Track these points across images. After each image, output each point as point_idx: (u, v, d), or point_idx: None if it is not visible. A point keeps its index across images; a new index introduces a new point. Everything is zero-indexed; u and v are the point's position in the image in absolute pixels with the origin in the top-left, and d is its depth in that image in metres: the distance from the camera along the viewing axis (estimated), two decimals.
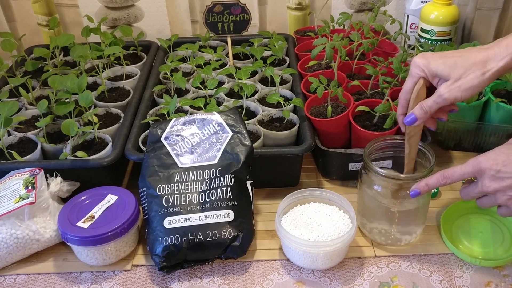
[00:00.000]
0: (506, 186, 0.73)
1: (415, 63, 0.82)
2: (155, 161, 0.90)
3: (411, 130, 0.85)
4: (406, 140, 0.86)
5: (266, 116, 1.10)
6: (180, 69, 1.29)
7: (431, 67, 0.80)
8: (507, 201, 0.75)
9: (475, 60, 0.77)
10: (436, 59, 0.80)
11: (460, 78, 0.77)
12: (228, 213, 0.86)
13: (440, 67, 0.79)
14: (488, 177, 0.75)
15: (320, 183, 1.07)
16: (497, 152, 0.75)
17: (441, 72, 0.79)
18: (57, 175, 0.93)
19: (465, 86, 0.77)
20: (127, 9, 1.49)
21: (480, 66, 0.76)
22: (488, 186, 0.75)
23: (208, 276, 0.87)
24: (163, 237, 0.84)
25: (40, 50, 1.24)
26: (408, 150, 0.86)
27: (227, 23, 1.24)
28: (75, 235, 0.84)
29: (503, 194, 0.75)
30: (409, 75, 0.83)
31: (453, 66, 0.77)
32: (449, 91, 0.78)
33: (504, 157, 0.74)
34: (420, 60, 0.81)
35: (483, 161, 0.75)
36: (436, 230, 0.94)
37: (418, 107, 0.81)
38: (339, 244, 0.83)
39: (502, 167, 0.73)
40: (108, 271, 0.88)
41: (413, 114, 0.82)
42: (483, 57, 0.76)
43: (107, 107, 1.14)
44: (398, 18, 1.37)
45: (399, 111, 0.87)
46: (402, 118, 0.86)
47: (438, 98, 0.79)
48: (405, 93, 0.84)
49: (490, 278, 0.84)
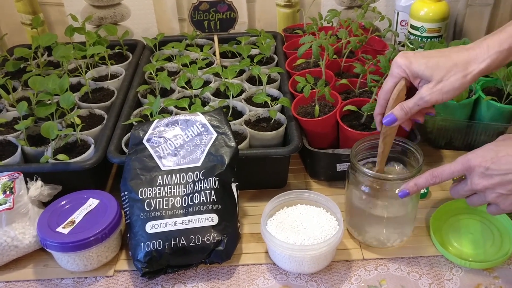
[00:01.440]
0: (495, 184, 0.72)
1: (396, 62, 0.80)
2: (137, 164, 0.88)
3: (387, 130, 0.83)
4: (381, 139, 0.85)
5: (253, 116, 1.08)
6: (166, 68, 1.26)
7: (413, 67, 0.78)
8: (496, 199, 0.74)
9: (457, 61, 0.75)
10: (418, 59, 0.78)
11: (441, 80, 0.76)
12: (212, 217, 0.84)
13: (422, 68, 0.77)
14: (477, 175, 0.73)
15: (308, 183, 1.05)
16: (486, 149, 0.74)
17: (423, 73, 0.77)
18: (38, 179, 0.91)
19: (446, 89, 0.76)
20: (113, 8, 1.46)
21: (462, 68, 0.75)
22: (478, 184, 0.74)
23: (192, 281, 0.85)
24: (145, 242, 0.82)
25: (21, 50, 1.21)
26: (382, 149, 0.85)
27: (214, 21, 1.21)
28: (54, 241, 0.82)
29: (492, 192, 0.73)
30: (389, 74, 0.82)
31: (435, 67, 0.76)
32: (430, 94, 0.76)
33: (493, 154, 0.72)
34: (402, 60, 0.79)
35: (472, 159, 0.74)
36: (425, 232, 0.92)
37: (398, 108, 0.80)
38: (326, 248, 0.81)
39: (491, 165, 0.72)
40: (90, 277, 0.86)
41: (393, 114, 0.80)
42: (465, 58, 0.75)
43: (91, 108, 1.12)
44: (388, 15, 1.36)
45: (377, 110, 0.85)
46: (380, 118, 0.84)
47: (419, 100, 0.78)
48: (384, 93, 0.82)
49: (480, 280, 0.83)
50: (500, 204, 0.74)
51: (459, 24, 1.43)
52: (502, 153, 0.72)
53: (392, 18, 1.38)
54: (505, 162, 0.71)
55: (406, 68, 0.79)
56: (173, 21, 1.48)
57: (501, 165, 0.71)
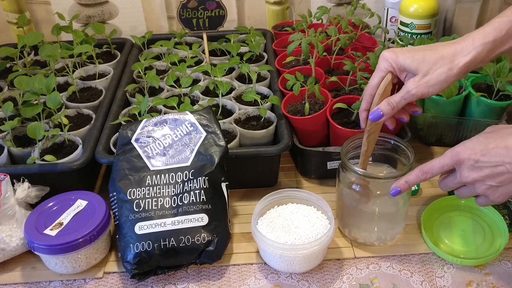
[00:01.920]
0: (485, 176, 0.72)
1: (383, 56, 0.80)
2: (126, 164, 0.87)
3: (372, 127, 0.82)
4: (365, 137, 0.83)
5: (243, 114, 1.07)
6: (154, 67, 1.25)
7: (399, 60, 0.78)
8: (485, 191, 0.74)
9: (443, 55, 0.75)
10: (404, 53, 0.78)
11: (427, 74, 0.76)
12: (201, 217, 0.83)
13: (408, 61, 0.77)
14: (466, 167, 0.73)
15: (299, 182, 1.05)
16: (474, 142, 0.74)
17: (409, 66, 0.77)
18: (25, 180, 0.90)
19: (432, 82, 0.76)
20: (101, 6, 1.44)
21: (448, 61, 0.75)
22: (467, 177, 0.74)
23: (183, 282, 0.84)
24: (134, 243, 0.81)
25: (7, 49, 1.19)
26: (366, 147, 0.84)
27: (202, 19, 1.20)
28: (42, 243, 0.81)
29: (482, 184, 0.73)
30: (376, 69, 0.81)
31: (422, 60, 0.76)
32: (416, 87, 0.76)
33: (482, 147, 0.72)
34: (389, 54, 0.79)
35: (461, 152, 0.74)
36: (417, 229, 0.92)
37: (385, 103, 0.79)
38: (317, 247, 0.80)
39: (481, 157, 0.72)
40: (79, 279, 0.85)
41: (379, 110, 0.79)
42: (450, 51, 0.75)
43: (78, 108, 1.10)
44: (378, 12, 1.35)
45: (363, 106, 0.84)
46: (365, 115, 0.83)
47: (406, 94, 0.77)
48: (371, 88, 0.81)
49: (472, 277, 0.82)
50: (490, 196, 0.74)
51: (448, 20, 1.43)
52: (492, 145, 0.72)
53: (381, 15, 1.37)
54: (494, 154, 0.71)
55: (393, 61, 0.78)
56: (162, 19, 1.46)
57: (491, 157, 0.71)
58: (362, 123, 0.85)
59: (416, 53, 0.77)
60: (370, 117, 0.80)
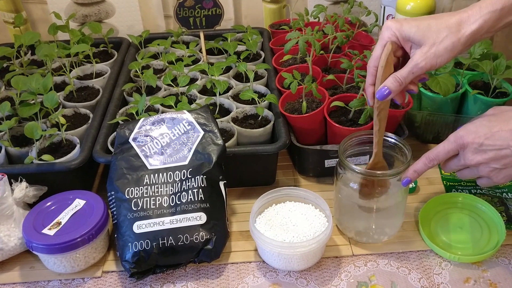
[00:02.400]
0: (489, 158, 0.73)
1: (387, 25, 0.77)
2: (123, 163, 0.87)
3: (380, 104, 0.79)
4: (375, 115, 0.80)
5: (241, 113, 1.07)
6: (151, 66, 1.25)
7: (403, 29, 0.75)
8: (489, 173, 0.75)
9: (449, 23, 0.73)
10: (409, 22, 0.75)
11: (434, 44, 0.73)
12: (200, 216, 0.83)
13: (413, 30, 0.74)
14: (471, 151, 0.74)
15: (296, 180, 1.05)
16: (478, 125, 0.74)
17: (414, 35, 0.75)
18: (22, 180, 0.90)
19: (440, 52, 0.73)
20: (97, 5, 1.44)
21: (454, 30, 0.73)
22: (472, 160, 0.74)
23: (181, 281, 0.84)
24: (133, 242, 0.81)
25: (4, 49, 1.19)
26: (378, 126, 0.81)
27: (199, 18, 1.20)
28: (40, 243, 0.81)
29: (486, 167, 0.74)
30: (380, 39, 0.78)
31: (427, 30, 0.74)
32: (425, 59, 0.74)
33: (486, 130, 0.73)
34: (393, 23, 0.76)
35: (465, 135, 0.74)
36: (414, 227, 0.92)
37: (391, 79, 0.76)
38: (315, 245, 0.80)
39: (485, 140, 0.73)
40: (77, 279, 0.85)
41: (386, 87, 0.76)
42: (456, 20, 0.73)
43: (75, 108, 1.10)
44: (375, 10, 1.35)
45: (368, 81, 0.80)
46: (371, 90, 0.80)
47: (414, 67, 0.74)
48: (374, 60, 0.78)
49: (469, 274, 0.83)
50: (493, 178, 0.75)
51: None
52: (496, 129, 0.72)
53: (378, 13, 1.38)
54: (499, 137, 0.72)
55: (397, 30, 0.76)
56: (159, 18, 1.46)
57: (495, 140, 0.72)
58: (370, 100, 0.81)
59: (421, 22, 0.75)
60: (377, 95, 0.77)
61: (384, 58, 0.76)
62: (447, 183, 1.01)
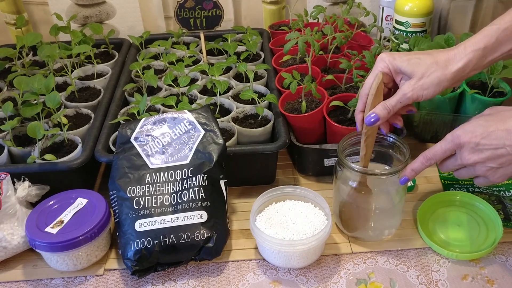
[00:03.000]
0: (486, 158, 0.74)
1: (381, 57, 0.82)
2: (125, 163, 0.88)
3: (368, 130, 0.82)
4: (362, 141, 0.83)
5: (241, 113, 1.08)
6: (152, 66, 1.26)
7: (396, 63, 0.80)
8: (486, 172, 0.76)
9: (437, 59, 0.78)
10: (401, 56, 0.81)
11: (422, 77, 0.78)
12: (201, 214, 0.84)
13: (405, 64, 0.79)
14: (467, 150, 0.75)
15: (296, 179, 1.06)
16: (475, 125, 0.75)
17: (405, 68, 0.79)
18: (25, 179, 0.90)
19: (427, 85, 0.78)
20: (98, 6, 1.45)
21: (442, 66, 0.78)
22: (468, 159, 0.75)
23: (183, 278, 0.85)
24: (135, 240, 0.82)
25: (6, 50, 1.20)
26: (365, 152, 0.84)
27: (199, 19, 1.22)
28: (43, 241, 0.82)
29: (482, 166, 0.75)
30: (373, 69, 0.83)
31: (417, 64, 0.78)
32: (412, 90, 0.78)
33: (482, 130, 0.74)
34: (386, 55, 0.82)
35: (462, 135, 0.75)
36: (413, 225, 0.93)
37: (381, 107, 0.80)
38: (314, 242, 0.81)
39: (481, 140, 0.74)
40: (79, 277, 0.86)
41: (375, 113, 0.80)
42: (444, 57, 0.78)
43: (77, 108, 1.11)
44: (374, 11, 1.37)
45: (359, 107, 0.84)
46: (361, 117, 0.84)
47: (402, 97, 0.79)
48: (366, 88, 0.83)
49: (467, 271, 0.84)
50: (490, 177, 0.76)
51: (443, 18, 1.45)
52: (492, 128, 0.73)
53: (377, 14, 1.39)
54: (495, 137, 0.73)
55: (389, 63, 0.81)
56: (159, 19, 1.47)
57: (491, 140, 0.73)
58: (359, 125, 0.85)
59: (412, 56, 0.80)
60: (365, 120, 0.81)
61: (375, 87, 0.80)
62: (445, 181, 1.02)
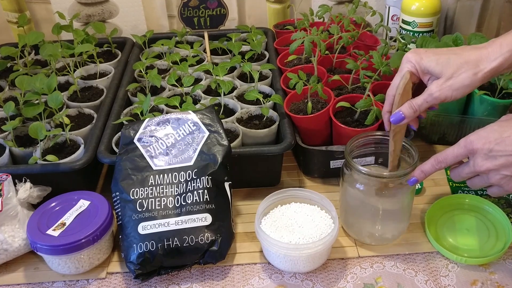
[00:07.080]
0: (500, 165, 0.72)
1: (407, 58, 0.80)
2: (128, 164, 0.87)
3: (396, 127, 0.82)
4: (391, 137, 0.83)
5: (245, 113, 1.07)
6: (155, 66, 1.25)
7: (423, 63, 0.78)
8: (500, 180, 0.73)
9: (468, 59, 0.75)
10: (429, 55, 0.78)
11: (452, 77, 0.75)
12: (205, 217, 0.82)
13: (433, 64, 0.77)
14: (480, 157, 0.73)
15: (301, 181, 1.04)
16: (489, 131, 0.73)
17: (433, 69, 0.77)
18: (27, 180, 0.89)
19: (456, 86, 0.75)
20: (101, 5, 1.44)
21: (473, 66, 0.74)
22: (481, 166, 0.73)
23: (186, 282, 0.84)
24: (138, 243, 0.80)
25: (8, 49, 1.18)
26: (393, 147, 0.84)
27: (204, 18, 1.20)
28: (45, 243, 0.81)
29: (496, 173, 0.73)
30: (399, 70, 0.81)
31: (446, 64, 0.76)
32: (440, 90, 0.76)
33: (496, 135, 0.72)
34: (413, 55, 0.79)
35: (475, 141, 0.73)
36: (421, 228, 0.91)
37: (407, 106, 0.79)
38: (321, 246, 0.80)
39: (495, 146, 0.71)
40: (81, 280, 0.85)
41: (401, 112, 0.79)
42: (476, 56, 0.75)
43: (80, 108, 1.10)
44: (380, 10, 1.35)
45: (385, 108, 0.84)
46: (388, 116, 0.83)
47: (429, 97, 0.77)
48: (392, 88, 0.82)
49: (476, 276, 0.82)
50: (504, 186, 0.74)
51: (449, 18, 1.43)
52: (507, 134, 0.71)
53: (383, 13, 1.37)
54: (509, 143, 0.70)
55: (416, 63, 0.78)
56: (162, 18, 1.46)
57: (506, 146, 0.71)
58: (386, 125, 0.84)
59: (440, 56, 0.77)
60: (391, 119, 0.80)
61: (402, 86, 0.79)
62: (453, 184, 1.01)
